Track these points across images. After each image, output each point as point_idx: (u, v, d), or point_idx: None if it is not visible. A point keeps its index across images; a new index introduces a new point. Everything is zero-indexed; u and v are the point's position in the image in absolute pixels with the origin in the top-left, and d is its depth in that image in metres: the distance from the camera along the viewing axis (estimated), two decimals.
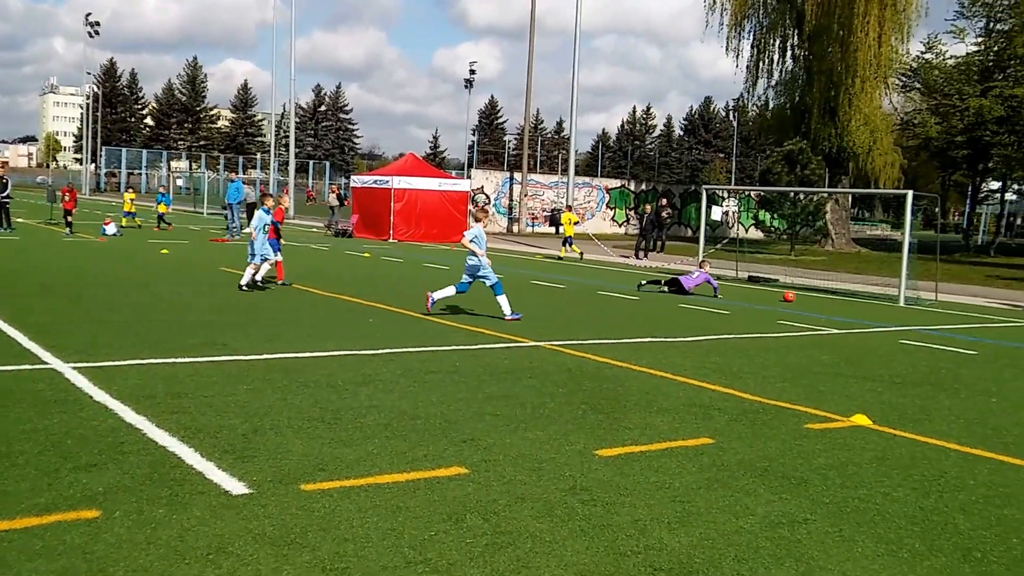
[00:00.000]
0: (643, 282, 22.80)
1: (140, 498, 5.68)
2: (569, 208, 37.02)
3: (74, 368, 9.36)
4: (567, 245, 33.84)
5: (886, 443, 8.26)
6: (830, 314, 18.94)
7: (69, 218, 31.85)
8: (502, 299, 14.88)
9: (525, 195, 51.21)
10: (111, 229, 31.20)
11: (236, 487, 5.98)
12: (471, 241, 14.93)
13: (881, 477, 7.16)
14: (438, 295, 14.97)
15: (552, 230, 50.82)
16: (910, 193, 23.96)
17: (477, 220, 15.62)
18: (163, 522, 5.31)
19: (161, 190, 43.70)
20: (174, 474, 6.18)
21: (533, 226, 51.80)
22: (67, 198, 32.13)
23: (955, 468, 7.56)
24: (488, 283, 14.98)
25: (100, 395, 8.28)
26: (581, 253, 33.75)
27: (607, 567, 5.08)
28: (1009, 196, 69.70)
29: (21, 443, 6.67)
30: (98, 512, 5.42)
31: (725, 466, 7.20)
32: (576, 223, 35.04)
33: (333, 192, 48.41)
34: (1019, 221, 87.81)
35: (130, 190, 42.81)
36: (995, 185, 63.86)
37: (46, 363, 9.58)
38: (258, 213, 18.02)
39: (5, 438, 6.77)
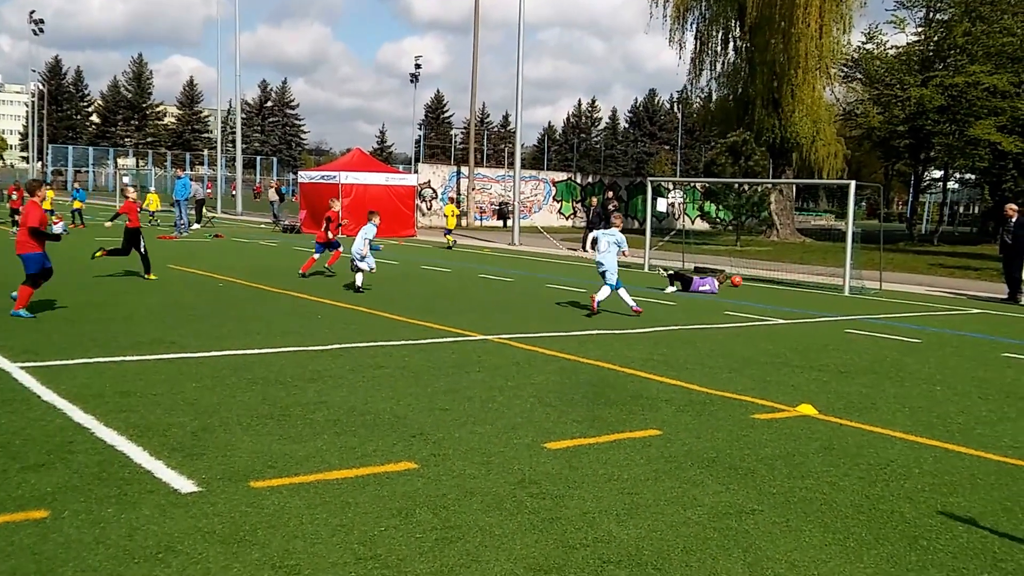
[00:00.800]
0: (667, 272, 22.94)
1: (89, 497, 5.66)
2: (452, 200, 37.09)
3: (21, 368, 9.27)
4: (448, 235, 34.56)
5: (832, 432, 8.38)
6: (776, 304, 19.18)
7: (17, 217, 31.23)
8: (622, 293, 15.77)
9: (473, 189, 51.19)
10: (58, 228, 30.71)
11: (185, 485, 5.97)
12: (616, 243, 15.99)
13: (828, 467, 7.27)
14: (600, 296, 15.59)
15: (500, 223, 50.86)
16: (852, 183, 24.28)
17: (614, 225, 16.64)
18: (112, 521, 5.30)
19: (76, 186, 42.76)
20: (123, 473, 6.16)
21: (481, 219, 51.80)
22: (15, 197, 31.62)
23: (901, 457, 7.67)
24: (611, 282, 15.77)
25: (48, 394, 8.21)
26: (453, 243, 34.06)
27: (556, 560, 5.14)
28: (951, 185, 70.84)
29: None
30: (47, 512, 5.40)
31: (673, 457, 7.28)
32: (457, 215, 35.74)
33: (272, 187, 48.01)
34: (962, 210, 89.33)
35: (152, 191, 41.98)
36: (937, 174, 64.67)
37: None
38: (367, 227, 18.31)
39: None
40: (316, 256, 20.10)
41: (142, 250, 18.12)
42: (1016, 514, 6.33)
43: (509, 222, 44.72)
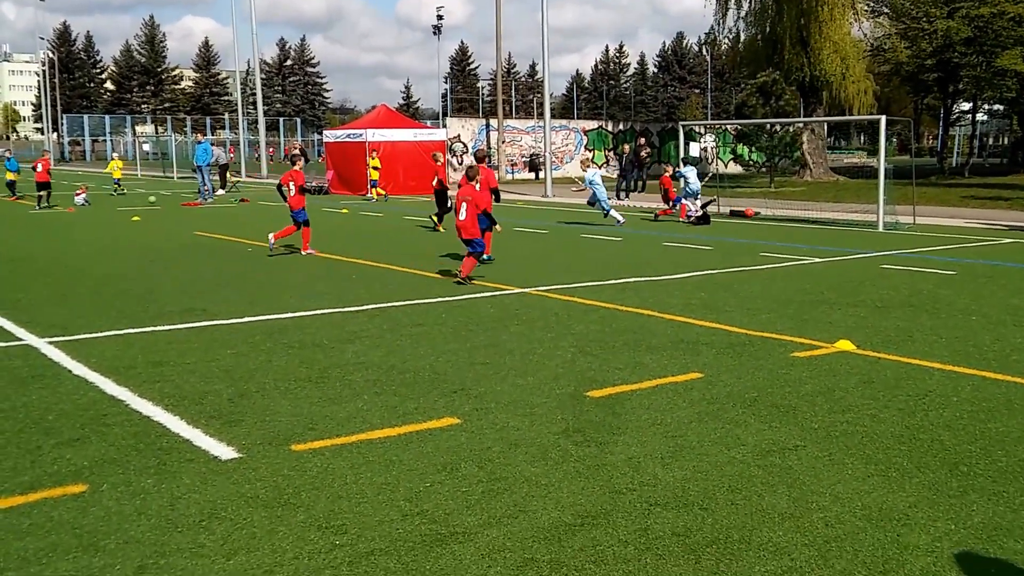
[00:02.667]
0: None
1: (127, 469, 5.63)
2: (374, 152, 36.25)
3: (50, 343, 9.24)
4: (373, 188, 34.95)
5: (871, 366, 8.30)
6: (812, 243, 18.94)
7: (42, 192, 31.03)
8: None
9: (503, 142, 50.88)
10: (80, 199, 30.79)
11: (225, 452, 5.93)
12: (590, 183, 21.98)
13: (867, 400, 7.22)
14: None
15: (532, 175, 50.51)
16: (883, 119, 23.89)
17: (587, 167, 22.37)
18: (152, 492, 5.26)
19: (7, 155, 39.07)
20: (160, 443, 6.12)
21: (512, 172, 51.51)
22: (39, 168, 31.28)
23: (939, 386, 7.63)
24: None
25: (79, 368, 8.18)
26: (385, 196, 34.43)
27: (603, 505, 5.09)
28: (980, 117, 69.73)
29: (1, 422, 6.59)
30: (85, 486, 5.36)
31: (715, 399, 7.22)
32: (376, 167, 35.24)
33: (296, 148, 47.94)
34: (991, 141, 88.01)
35: (115, 157, 41.33)
36: (966, 106, 63.82)
37: (20, 339, 9.45)
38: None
39: None
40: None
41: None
42: None
43: (541, 174, 44.33)
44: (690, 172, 24.97)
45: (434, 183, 23.13)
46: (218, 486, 5.34)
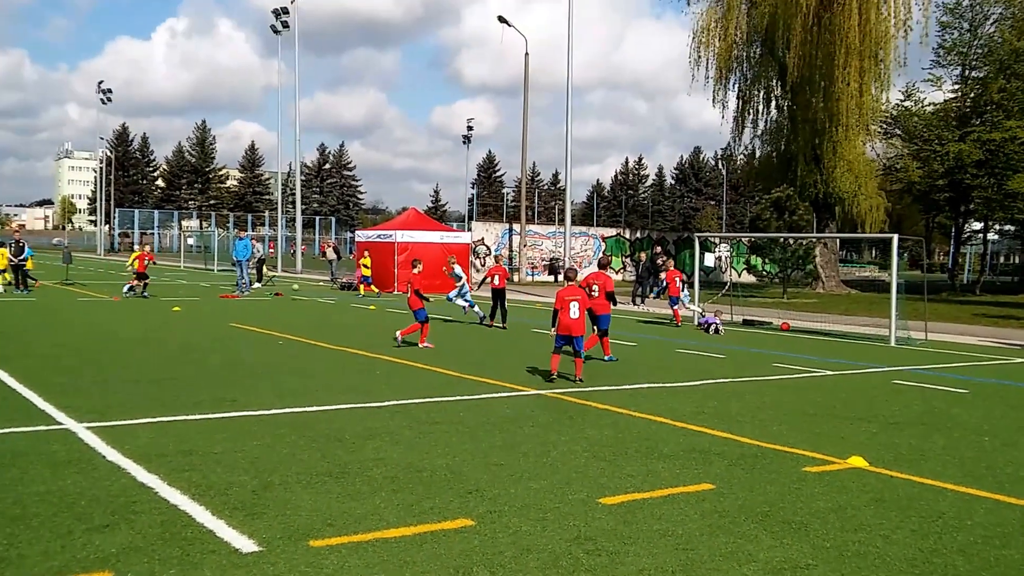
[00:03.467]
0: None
1: (152, 559, 5.58)
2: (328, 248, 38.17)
3: (87, 428, 9.27)
4: (365, 283, 36.75)
5: (883, 484, 8.14)
6: (823, 355, 18.84)
7: (143, 281, 30.15)
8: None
9: (524, 245, 51.28)
10: (125, 289, 31.14)
11: (246, 545, 5.88)
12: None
13: (880, 519, 7.05)
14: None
15: (551, 278, 50.76)
16: (895, 237, 23.95)
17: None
18: None
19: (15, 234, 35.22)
20: (185, 533, 6.08)
21: (533, 275, 51.79)
22: (143, 260, 30.57)
23: (952, 508, 7.44)
24: None
25: (113, 455, 8.18)
26: (377, 293, 35.86)
27: None
28: (991, 236, 69.74)
29: (36, 505, 6.58)
30: (111, 574, 5.32)
31: (726, 512, 7.10)
32: (367, 266, 37.12)
33: (330, 246, 48.46)
34: (1002, 260, 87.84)
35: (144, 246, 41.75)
36: (977, 226, 63.89)
37: (60, 423, 9.49)
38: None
39: (20, 501, 6.67)
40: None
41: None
42: None
43: (560, 277, 44.57)
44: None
45: (493, 282, 23.58)
46: None
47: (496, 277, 23.37)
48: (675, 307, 26.39)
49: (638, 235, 59.94)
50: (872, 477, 8.41)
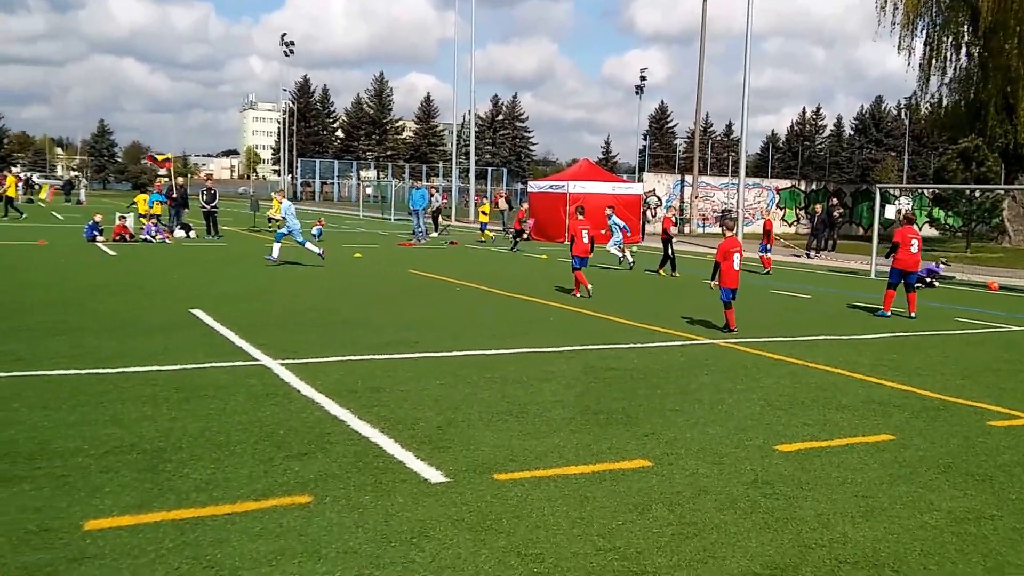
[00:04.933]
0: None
1: (348, 485, 5.89)
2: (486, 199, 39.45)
3: (282, 364, 9.77)
4: (482, 231, 38.27)
5: None
6: (1010, 311, 17.93)
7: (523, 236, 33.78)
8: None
9: (696, 197, 50.53)
10: (316, 231, 32.58)
11: (434, 475, 6.13)
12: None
13: None
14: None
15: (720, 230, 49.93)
16: None
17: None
18: (369, 507, 5.50)
19: (155, 189, 35.50)
20: (377, 463, 6.38)
21: (704, 227, 51.02)
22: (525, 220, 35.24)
23: None
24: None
25: (306, 389, 8.61)
26: (492, 237, 36.97)
27: (792, 558, 4.99)
28: None
29: (239, 434, 7.01)
30: (310, 497, 5.64)
31: (907, 462, 6.95)
32: (485, 212, 39.57)
33: (502, 197, 48.99)
34: None
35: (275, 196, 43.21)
36: None
37: (257, 360, 10.02)
38: None
39: (225, 429, 7.13)
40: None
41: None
42: None
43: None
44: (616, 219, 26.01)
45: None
46: (428, 507, 5.53)
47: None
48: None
49: (813, 187, 58.09)
50: None
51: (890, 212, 33.58)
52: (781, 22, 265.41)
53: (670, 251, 23.30)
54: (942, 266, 23.87)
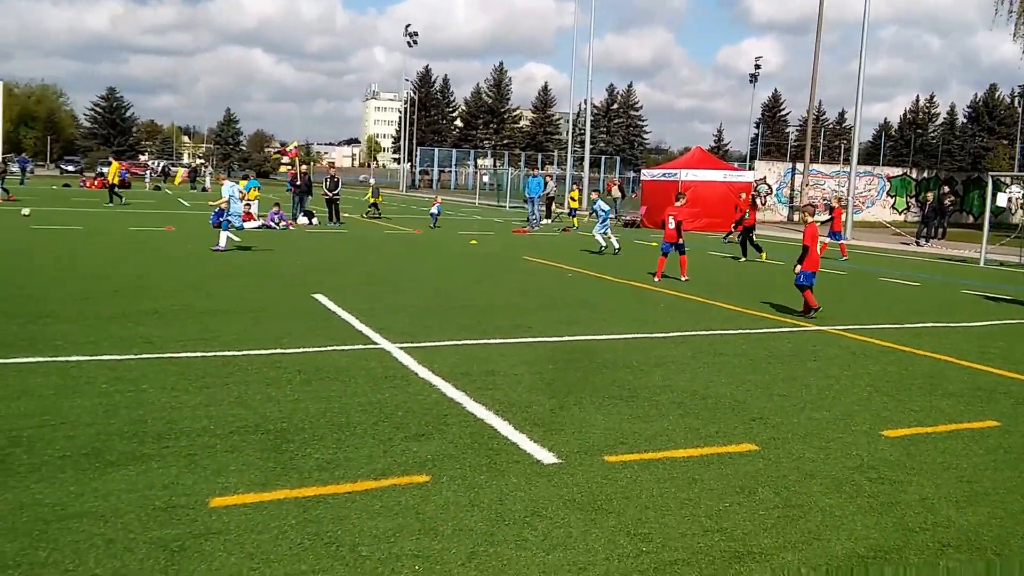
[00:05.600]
0: None
1: (463, 465, 6.03)
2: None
3: (400, 348, 9.95)
4: (572, 216, 37.70)
5: None
6: None
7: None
8: None
9: (807, 185, 49.43)
10: (433, 209, 33.07)
11: (546, 457, 6.23)
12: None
13: None
14: None
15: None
16: None
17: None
18: (484, 487, 5.62)
19: (371, 181, 45.97)
20: (491, 444, 6.51)
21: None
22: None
23: None
24: None
25: (424, 372, 8.77)
26: (570, 227, 35.51)
27: (896, 541, 4.96)
28: None
29: (359, 415, 7.19)
30: (427, 477, 5.78)
31: (1012, 448, 6.81)
32: (575, 198, 38.95)
33: (615, 185, 48.73)
34: None
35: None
36: None
37: (376, 343, 10.21)
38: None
39: (345, 410, 7.31)
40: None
41: None
42: None
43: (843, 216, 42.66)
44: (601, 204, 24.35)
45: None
46: (540, 487, 5.64)
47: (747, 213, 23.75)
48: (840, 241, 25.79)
49: (925, 175, 56.18)
50: None
51: (1002, 200, 32.20)
52: (896, 11, 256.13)
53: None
54: None
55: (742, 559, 4.66)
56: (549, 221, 39.22)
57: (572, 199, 38.83)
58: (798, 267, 13.37)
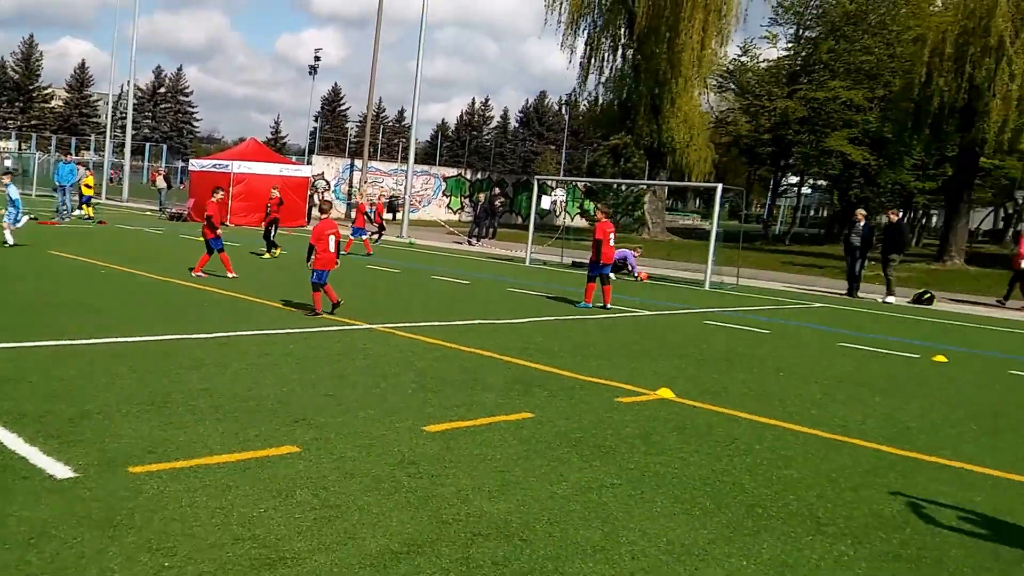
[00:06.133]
0: None
1: None
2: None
3: None
4: (87, 204, 35.09)
5: (686, 414, 8.66)
6: (644, 297, 19.51)
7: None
8: None
9: (365, 182, 50.65)
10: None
11: (61, 471, 5.71)
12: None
13: (680, 444, 7.54)
14: None
15: (389, 216, 50.36)
16: (719, 186, 25.04)
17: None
18: None
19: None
20: None
21: (371, 212, 51.17)
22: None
23: (745, 435, 8.04)
24: None
25: None
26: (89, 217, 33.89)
27: (430, 534, 5.15)
28: (805, 190, 73.29)
29: None
30: None
31: (543, 438, 7.38)
32: (89, 186, 36.24)
33: (160, 175, 46.58)
34: (812, 213, 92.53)
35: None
36: (794, 180, 66.95)
37: None
38: None
39: None
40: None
41: None
42: (839, 483, 6.80)
43: (399, 215, 44.27)
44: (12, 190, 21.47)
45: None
46: (51, 505, 5.14)
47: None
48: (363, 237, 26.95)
49: (479, 176, 60.06)
50: (677, 407, 8.92)
51: (546, 203, 35.46)
52: (456, 13, 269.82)
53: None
54: (637, 251, 25.58)
55: (273, 565, 4.57)
56: (80, 212, 36.31)
57: (87, 186, 35.47)
58: (308, 265, 13.30)
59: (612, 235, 16.98)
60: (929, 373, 12.33)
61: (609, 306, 16.65)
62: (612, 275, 17.64)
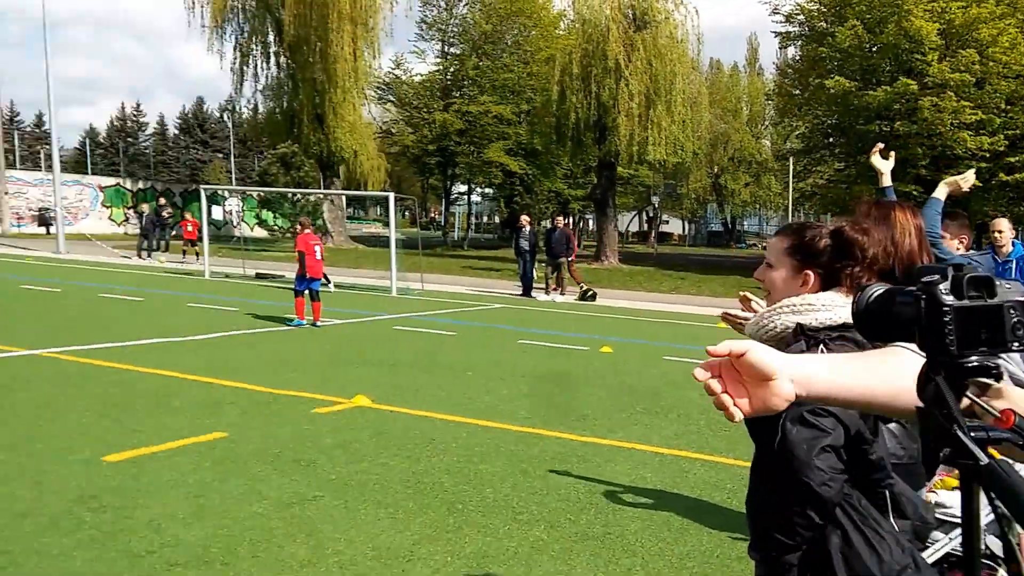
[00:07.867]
0: None
1: None
2: None
3: None
4: None
5: (383, 419, 8.65)
6: (333, 306, 19.29)
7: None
8: None
9: (6, 193, 46.18)
10: None
11: None
12: None
13: (380, 449, 7.51)
14: None
15: (43, 231, 46.40)
16: (391, 195, 25.59)
17: None
18: None
19: None
20: None
21: (19, 226, 46.84)
22: None
23: (440, 435, 8.13)
24: None
25: None
26: None
27: (121, 569, 4.80)
28: (475, 198, 76.04)
29: None
30: None
31: (239, 457, 7.07)
32: None
33: None
34: (485, 219, 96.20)
35: None
36: (463, 188, 69.14)
37: None
38: None
39: None
40: None
41: None
42: (529, 473, 7.06)
43: (53, 229, 40.86)
44: None
45: None
46: None
47: None
48: None
49: (141, 186, 56.75)
50: (374, 413, 8.89)
51: (217, 213, 34.18)
52: (90, 9, 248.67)
53: None
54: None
55: None
56: None
57: None
58: None
59: (318, 248, 16.36)
60: (598, 363, 13.09)
61: (319, 324, 15.87)
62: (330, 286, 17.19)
